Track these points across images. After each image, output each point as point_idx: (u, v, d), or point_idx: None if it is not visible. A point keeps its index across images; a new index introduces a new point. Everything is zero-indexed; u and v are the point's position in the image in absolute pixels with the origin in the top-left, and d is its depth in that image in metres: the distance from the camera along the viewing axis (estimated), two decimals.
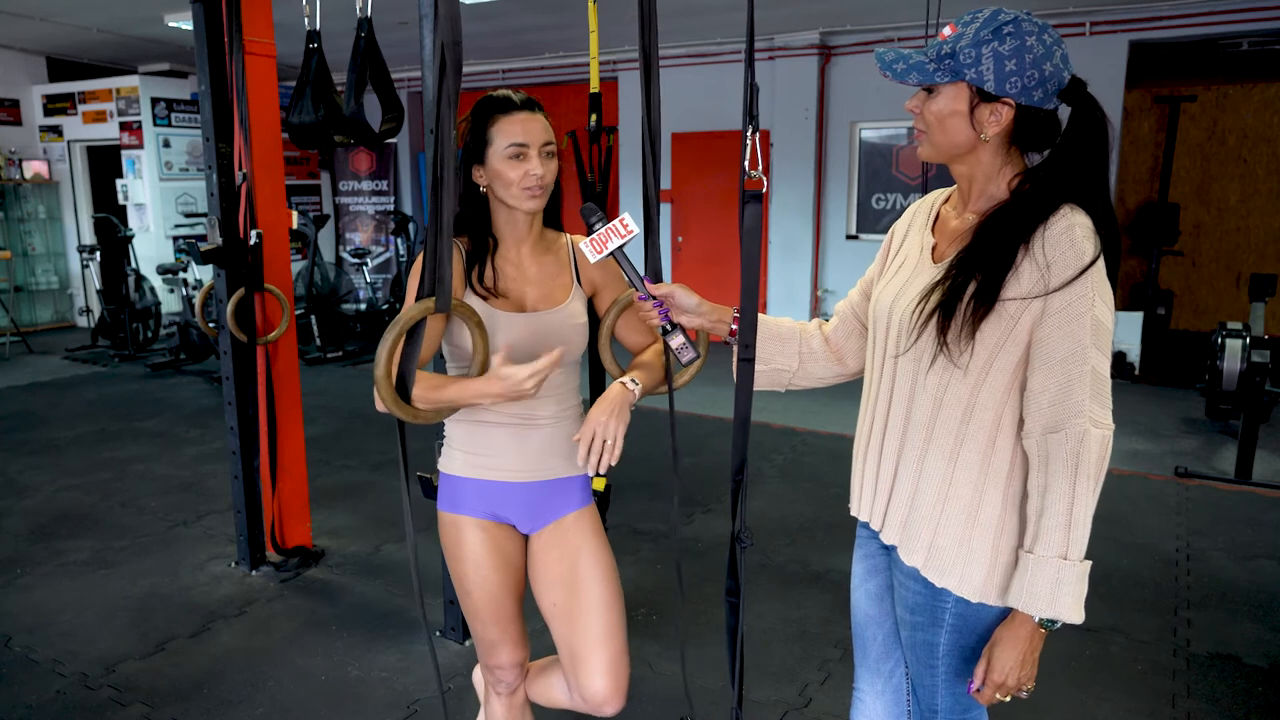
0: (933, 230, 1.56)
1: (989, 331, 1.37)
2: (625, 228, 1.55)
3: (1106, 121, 1.40)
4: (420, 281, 1.53)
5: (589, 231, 1.59)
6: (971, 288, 1.37)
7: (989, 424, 1.41)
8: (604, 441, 1.58)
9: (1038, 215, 1.35)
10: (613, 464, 1.59)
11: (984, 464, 1.42)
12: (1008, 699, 1.43)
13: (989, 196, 1.45)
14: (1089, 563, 1.35)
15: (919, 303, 1.43)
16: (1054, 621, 1.36)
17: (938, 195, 1.62)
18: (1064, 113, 1.43)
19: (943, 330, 1.39)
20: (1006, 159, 1.44)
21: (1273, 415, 5.74)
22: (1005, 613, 1.43)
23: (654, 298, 1.59)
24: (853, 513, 1.63)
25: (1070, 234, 1.33)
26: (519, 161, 1.68)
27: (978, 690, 1.45)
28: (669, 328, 1.60)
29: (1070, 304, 1.32)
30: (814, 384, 1.77)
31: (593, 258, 1.57)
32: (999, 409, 1.40)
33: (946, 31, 1.41)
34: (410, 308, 1.50)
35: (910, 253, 1.57)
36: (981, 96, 1.38)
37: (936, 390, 1.43)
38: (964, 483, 1.43)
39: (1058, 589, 1.33)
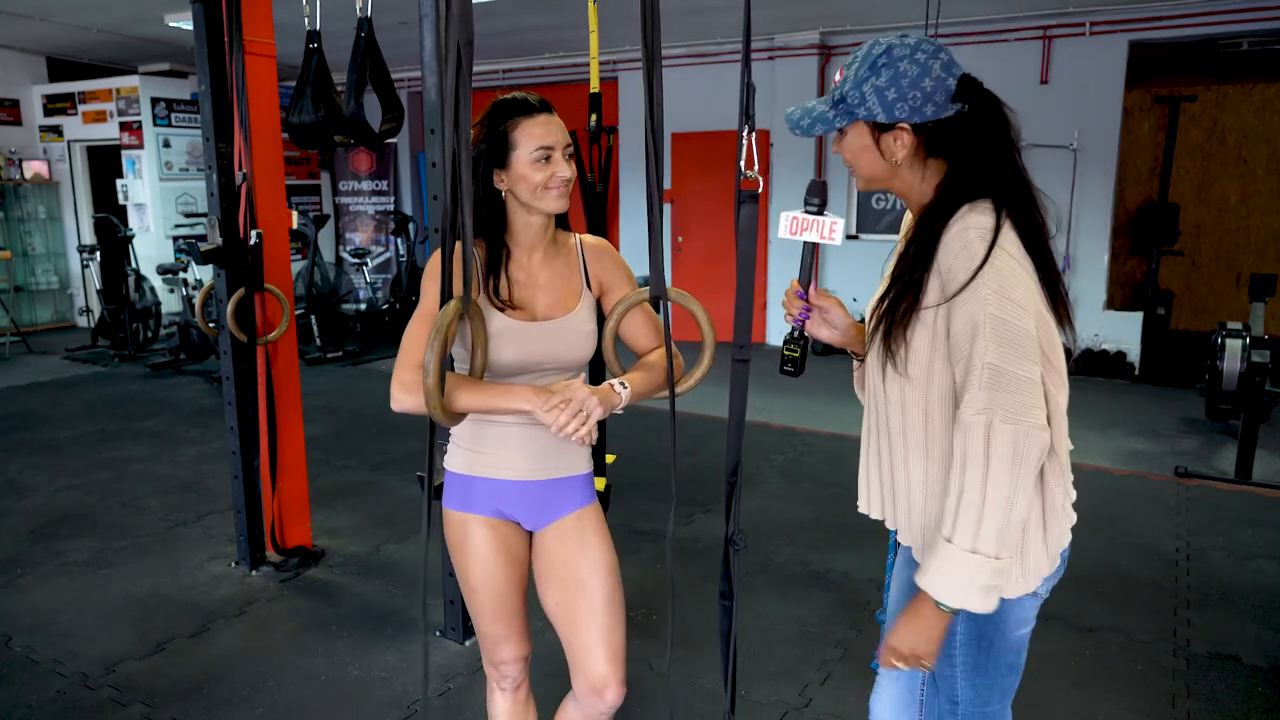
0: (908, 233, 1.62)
1: (920, 338, 1.43)
2: (830, 231, 1.51)
3: (1000, 106, 1.44)
4: (443, 282, 1.53)
5: (804, 205, 1.53)
6: (903, 297, 1.43)
7: (949, 422, 1.44)
8: (579, 411, 1.57)
9: (938, 221, 1.40)
10: (583, 441, 1.58)
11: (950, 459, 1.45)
12: (905, 667, 1.46)
13: (919, 205, 1.50)
14: (979, 557, 1.34)
15: (873, 311, 1.50)
16: (945, 604, 1.38)
17: None
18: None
19: (885, 338, 1.45)
20: (925, 170, 1.48)
21: (1273, 415, 5.73)
22: (1016, 599, 1.47)
23: (809, 302, 1.57)
24: (860, 510, 1.66)
25: (963, 237, 1.36)
26: (545, 164, 1.68)
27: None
28: (797, 334, 1.58)
29: (965, 303, 1.35)
30: None
31: (783, 233, 1.53)
32: (952, 407, 1.43)
33: (838, 76, 1.48)
34: (445, 313, 1.49)
35: (893, 258, 1.63)
36: (879, 128, 1.44)
37: (898, 396, 1.49)
38: (941, 478, 1.47)
39: (937, 568, 1.37)
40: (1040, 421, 1.32)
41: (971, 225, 1.36)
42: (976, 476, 1.32)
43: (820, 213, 1.52)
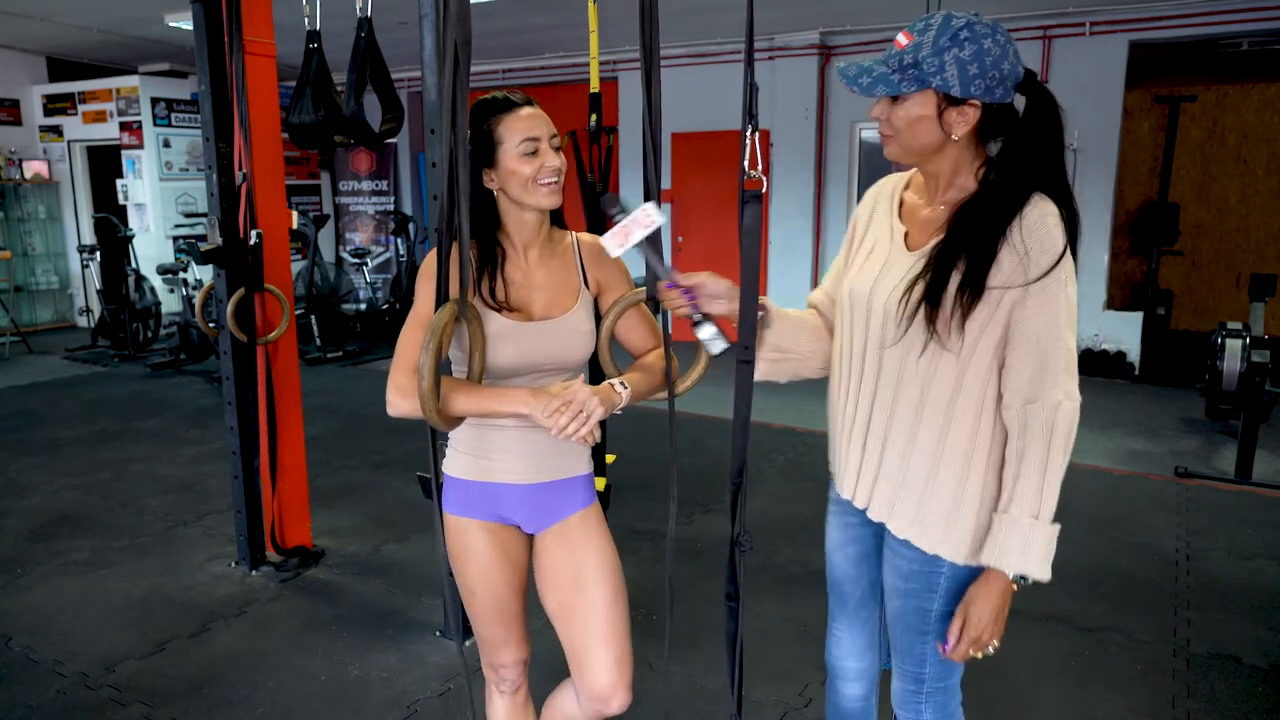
0: (900, 217, 1.62)
1: (976, 317, 1.45)
2: (648, 218, 1.52)
3: (1059, 109, 1.48)
4: (439, 284, 1.53)
5: (609, 223, 1.55)
6: (956, 278, 1.44)
7: (975, 401, 1.50)
8: (580, 412, 1.55)
9: (1013, 205, 1.44)
10: (585, 441, 1.56)
11: (971, 438, 1.51)
12: (980, 655, 1.53)
13: (959, 187, 1.52)
14: (1058, 526, 1.46)
15: (905, 294, 1.49)
16: (1025, 578, 1.47)
17: (895, 181, 1.68)
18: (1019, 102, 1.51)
19: (931, 319, 1.46)
20: (974, 152, 1.52)
21: (1273, 415, 5.73)
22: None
23: (683, 287, 1.56)
24: (844, 496, 1.70)
25: (1045, 223, 1.42)
26: (534, 157, 1.65)
27: (952, 649, 1.54)
28: (699, 319, 1.57)
29: (1046, 288, 1.42)
30: (817, 374, 1.81)
31: (614, 251, 1.54)
32: (983, 387, 1.50)
33: (903, 40, 1.47)
34: (440, 315, 1.49)
35: (879, 239, 1.63)
36: (949, 100, 1.45)
37: (926, 374, 1.51)
38: (953, 457, 1.52)
39: (1028, 546, 1.44)
40: (1079, 396, 1.46)
41: (1049, 213, 1.43)
42: (1058, 455, 1.44)
43: (627, 213, 1.54)
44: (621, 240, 1.54)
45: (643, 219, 1.53)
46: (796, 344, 1.73)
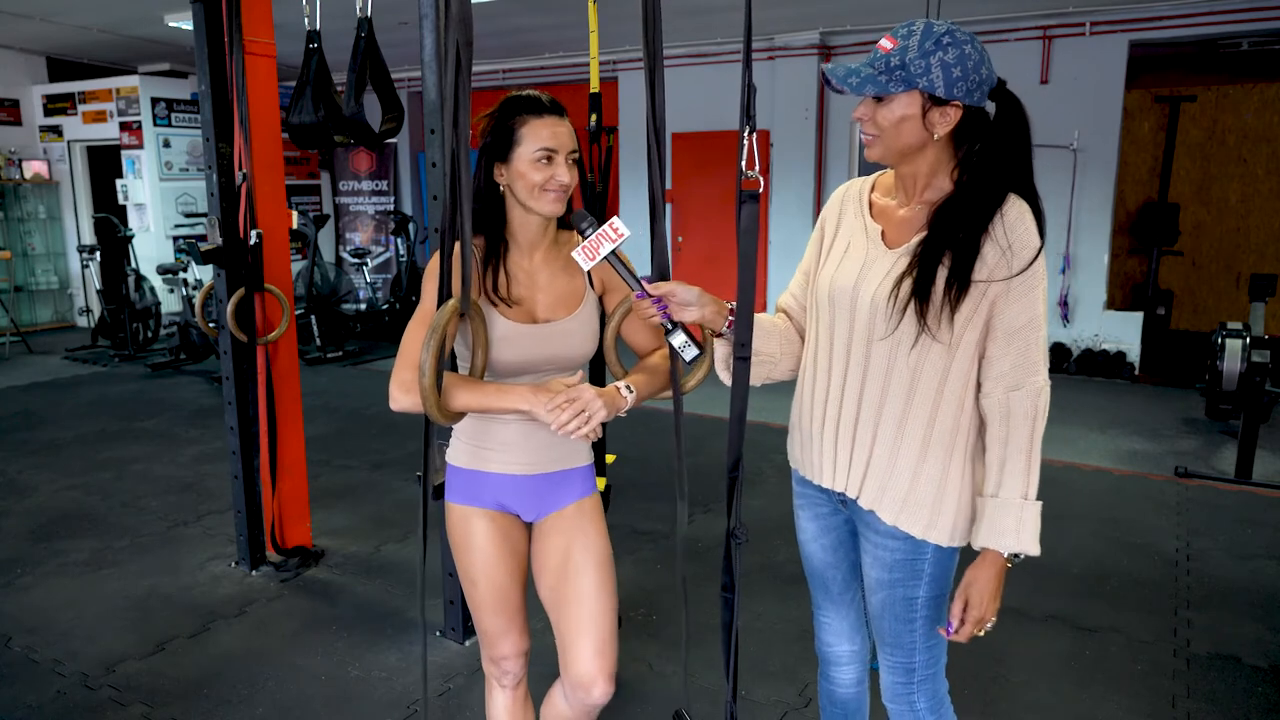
0: (871, 217, 1.67)
1: (963, 310, 1.53)
2: (616, 232, 1.56)
3: (1027, 115, 1.55)
4: (441, 282, 1.54)
5: (583, 235, 1.59)
6: (943, 272, 1.51)
7: (959, 389, 1.57)
8: (583, 411, 1.57)
9: (993, 204, 1.52)
10: (586, 438, 1.59)
11: (954, 426, 1.58)
12: (981, 633, 1.60)
13: (936, 188, 1.59)
14: (1041, 502, 1.55)
15: (893, 289, 1.55)
16: (1018, 555, 1.55)
17: (861, 184, 1.74)
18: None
19: (922, 314, 1.52)
20: (951, 154, 1.58)
21: (1273, 415, 5.73)
22: (957, 548, 1.62)
23: (653, 297, 1.59)
24: (826, 487, 1.71)
25: (1024, 221, 1.51)
26: (545, 165, 1.68)
27: (956, 630, 1.59)
28: (670, 326, 1.59)
29: (1027, 281, 1.51)
30: (785, 376, 1.84)
31: (585, 265, 1.58)
32: (966, 376, 1.57)
33: (887, 44, 1.54)
34: (441, 313, 1.50)
35: (853, 239, 1.67)
36: (933, 101, 1.51)
37: (915, 366, 1.56)
38: (938, 444, 1.58)
39: (1021, 526, 1.53)
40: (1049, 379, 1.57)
41: (1027, 211, 1.52)
42: (1039, 436, 1.54)
43: (598, 228, 1.59)
44: (591, 254, 1.57)
45: (610, 232, 1.56)
46: (767, 347, 1.76)
